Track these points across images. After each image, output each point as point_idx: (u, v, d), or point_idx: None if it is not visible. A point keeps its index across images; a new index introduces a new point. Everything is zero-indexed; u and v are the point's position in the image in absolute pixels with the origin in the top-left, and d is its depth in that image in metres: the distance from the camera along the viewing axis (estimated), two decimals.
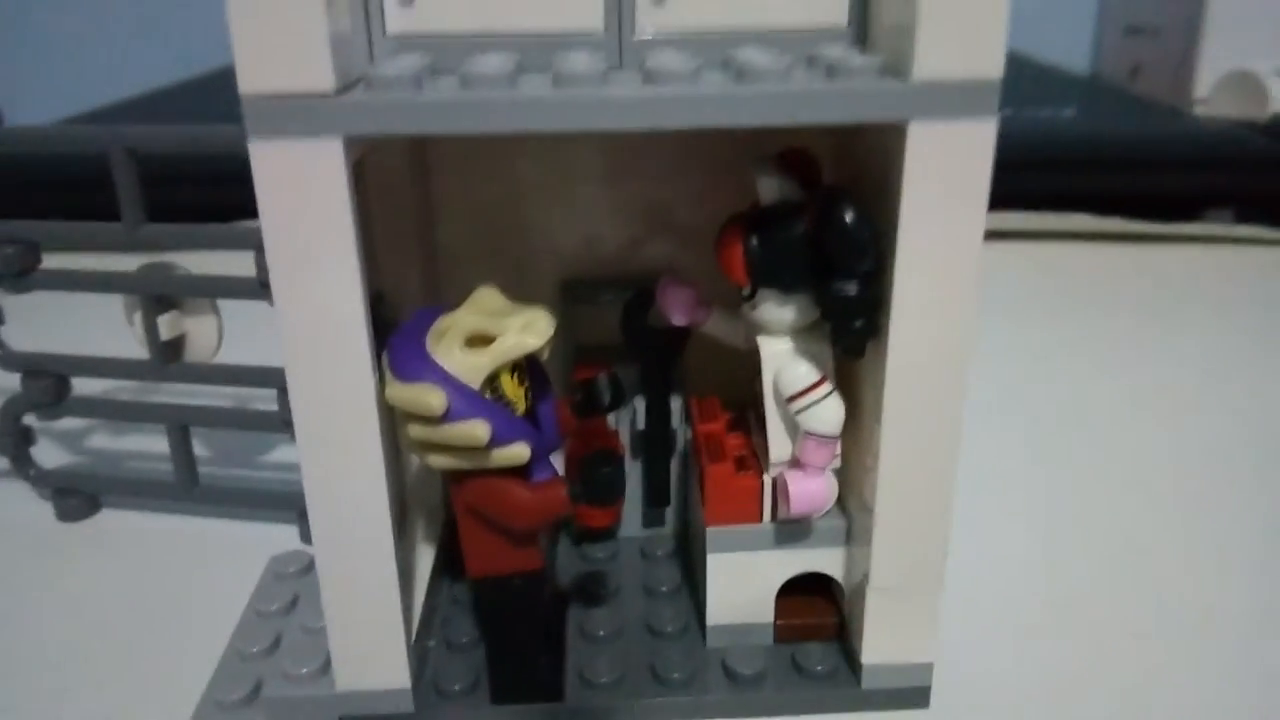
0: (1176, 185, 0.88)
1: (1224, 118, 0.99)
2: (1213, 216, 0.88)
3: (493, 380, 0.28)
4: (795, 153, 0.31)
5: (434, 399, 0.27)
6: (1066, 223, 0.84)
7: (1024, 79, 1.12)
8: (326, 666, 0.32)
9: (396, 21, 0.28)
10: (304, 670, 0.33)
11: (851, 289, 0.29)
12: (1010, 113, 0.26)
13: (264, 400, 0.43)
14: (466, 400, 0.27)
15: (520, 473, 0.29)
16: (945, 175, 0.26)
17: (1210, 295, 0.74)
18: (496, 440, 0.28)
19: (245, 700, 0.32)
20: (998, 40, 0.25)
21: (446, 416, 0.27)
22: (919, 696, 0.33)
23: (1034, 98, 1.04)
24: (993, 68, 0.25)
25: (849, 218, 0.28)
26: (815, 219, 0.29)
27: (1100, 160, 0.89)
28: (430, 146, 0.37)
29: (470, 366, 0.28)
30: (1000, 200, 0.27)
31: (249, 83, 0.25)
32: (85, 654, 0.36)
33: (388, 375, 0.28)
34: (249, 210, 0.26)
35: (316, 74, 0.25)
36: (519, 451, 0.28)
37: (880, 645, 0.32)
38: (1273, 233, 0.84)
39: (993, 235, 0.27)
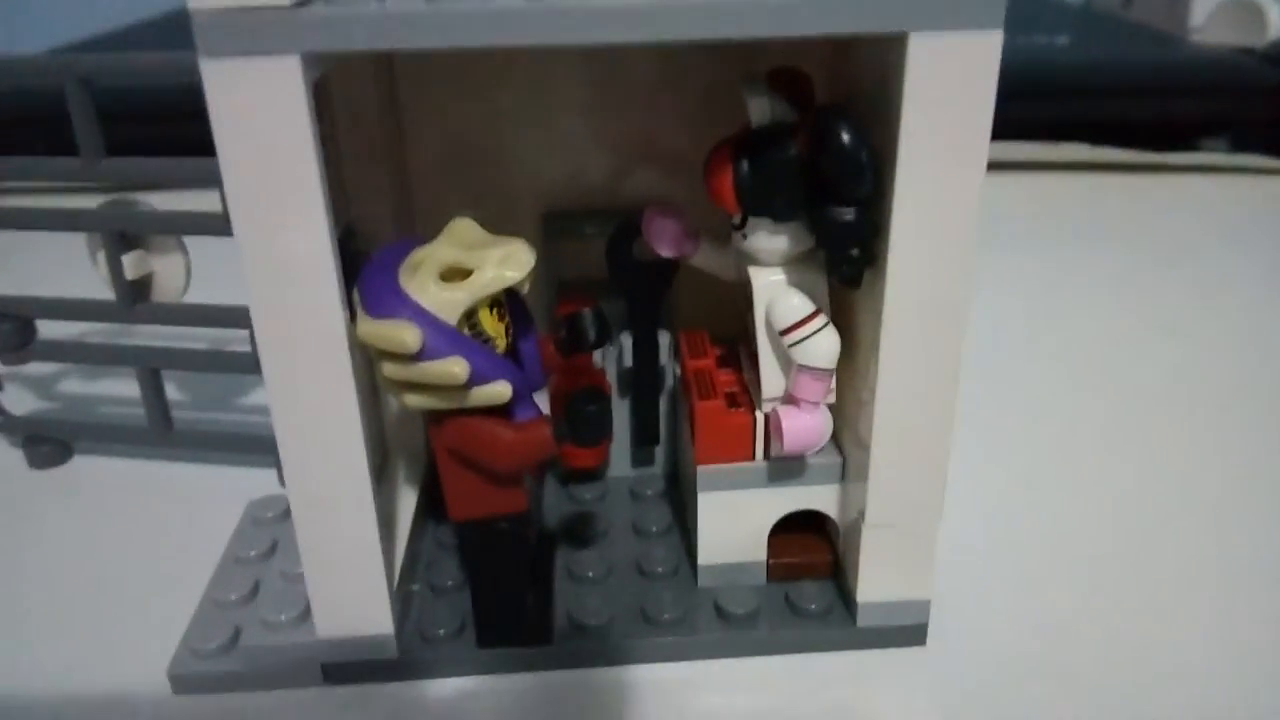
0: (1172, 113, 0.87)
1: (1220, 44, 0.96)
2: (1209, 145, 0.87)
3: (471, 316, 0.27)
4: (787, 71, 0.30)
5: (408, 336, 0.26)
6: (1061, 152, 0.83)
7: (1018, 6, 1.10)
8: (307, 613, 0.31)
9: None
10: (283, 617, 0.32)
11: (848, 215, 0.27)
12: (1004, 41, 0.25)
13: (239, 341, 0.41)
14: (443, 337, 0.26)
15: (502, 412, 0.28)
16: (948, 92, 0.25)
17: (1206, 224, 0.72)
18: (476, 378, 0.27)
19: (223, 649, 0.32)
20: None
21: (422, 354, 0.26)
22: (916, 634, 0.32)
23: (1028, 25, 1.01)
24: None
25: (846, 138, 0.26)
26: (809, 141, 0.27)
27: (1095, 88, 0.87)
28: (401, 71, 0.36)
29: (446, 301, 0.26)
30: (994, 129, 0.26)
31: None
32: (60, 603, 0.35)
33: (359, 312, 0.27)
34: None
35: None
36: (500, 390, 0.27)
37: (876, 582, 0.31)
38: (1269, 160, 0.83)
39: (987, 166, 0.26)
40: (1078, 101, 0.87)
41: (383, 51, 0.24)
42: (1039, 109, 0.83)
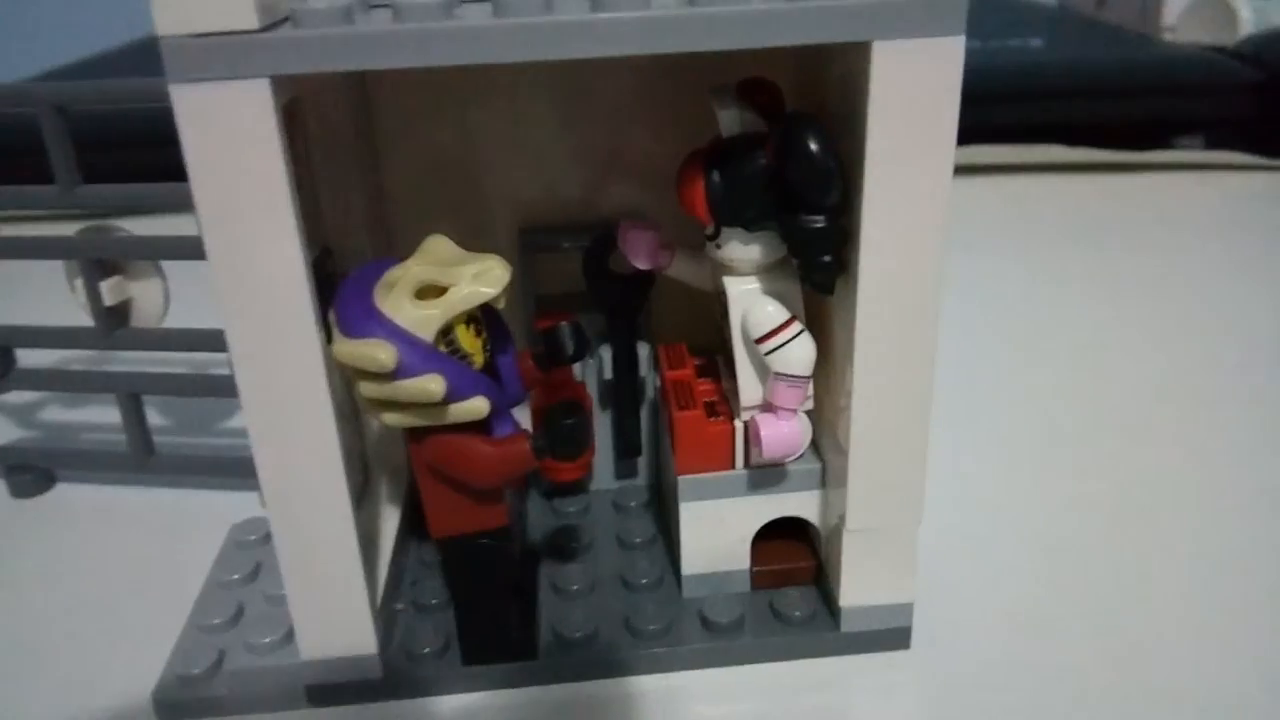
0: (1147, 112, 0.87)
1: (1193, 43, 0.97)
2: (1184, 143, 0.87)
3: (448, 333, 0.27)
4: (756, 82, 0.30)
5: (383, 354, 0.26)
6: (1036, 154, 0.83)
7: (991, 10, 1.10)
8: (290, 636, 0.31)
9: None
10: (267, 640, 0.32)
11: (818, 223, 0.27)
12: (979, 44, 0.25)
13: (219, 365, 0.41)
14: (419, 354, 0.26)
15: (481, 428, 0.28)
16: (913, 98, 0.25)
17: (1183, 222, 0.73)
18: (453, 395, 0.27)
19: (208, 673, 0.31)
20: None
21: (398, 372, 0.26)
22: (900, 637, 0.32)
23: (1001, 29, 1.02)
24: None
25: (813, 146, 0.26)
26: (778, 150, 0.27)
27: (1069, 90, 0.88)
28: (373, 89, 0.36)
29: (422, 319, 0.26)
30: (969, 133, 0.26)
31: (166, 23, 0.23)
32: (44, 631, 0.35)
33: (335, 331, 0.27)
34: None
35: (238, 9, 0.23)
36: (477, 405, 0.27)
37: (858, 587, 0.32)
38: (1245, 157, 0.84)
39: (963, 170, 0.26)
40: (1053, 103, 0.87)
41: (353, 71, 0.24)
42: (1014, 111, 0.84)
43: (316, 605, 0.30)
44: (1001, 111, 0.83)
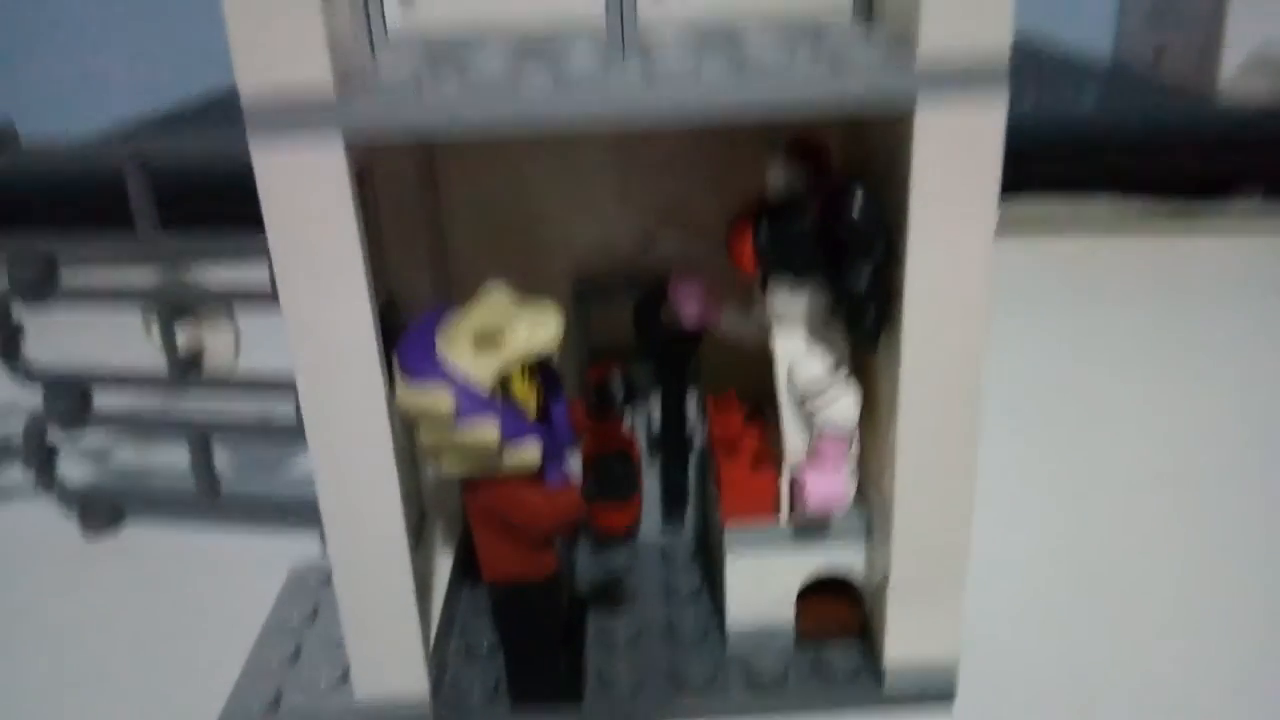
0: (1202, 171, 0.86)
1: (1251, 98, 0.97)
2: (1242, 200, 0.86)
3: (503, 381, 0.28)
4: (804, 141, 0.31)
5: (443, 401, 0.27)
6: (1091, 210, 0.83)
7: (1044, 68, 1.11)
8: (346, 676, 0.32)
9: (397, 18, 0.28)
10: (323, 681, 0.32)
11: (863, 280, 0.28)
12: (1032, 103, 0.26)
13: (284, 411, 0.43)
14: (476, 402, 0.27)
15: (534, 476, 0.29)
16: (954, 161, 0.26)
17: (1240, 280, 0.72)
18: (507, 442, 0.28)
19: (266, 711, 0.32)
20: (1004, 15, 0.24)
21: (456, 419, 0.27)
22: (943, 695, 0.32)
23: (1054, 87, 1.02)
24: (1000, 44, 0.25)
25: (857, 209, 0.27)
26: (825, 209, 0.28)
27: (1125, 146, 0.87)
28: (437, 145, 0.37)
29: (480, 368, 0.27)
30: (1023, 187, 0.27)
31: (248, 84, 0.25)
32: (109, 666, 0.37)
33: (398, 378, 0.28)
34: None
35: (316, 73, 0.25)
36: (530, 453, 0.28)
37: (903, 644, 0.32)
38: None
39: (1015, 229, 0.27)
40: (1107, 159, 0.87)
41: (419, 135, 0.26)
42: (1067, 169, 0.84)
43: (373, 647, 0.31)
44: (1054, 169, 0.83)
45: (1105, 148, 0.87)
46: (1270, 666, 0.34)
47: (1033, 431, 0.51)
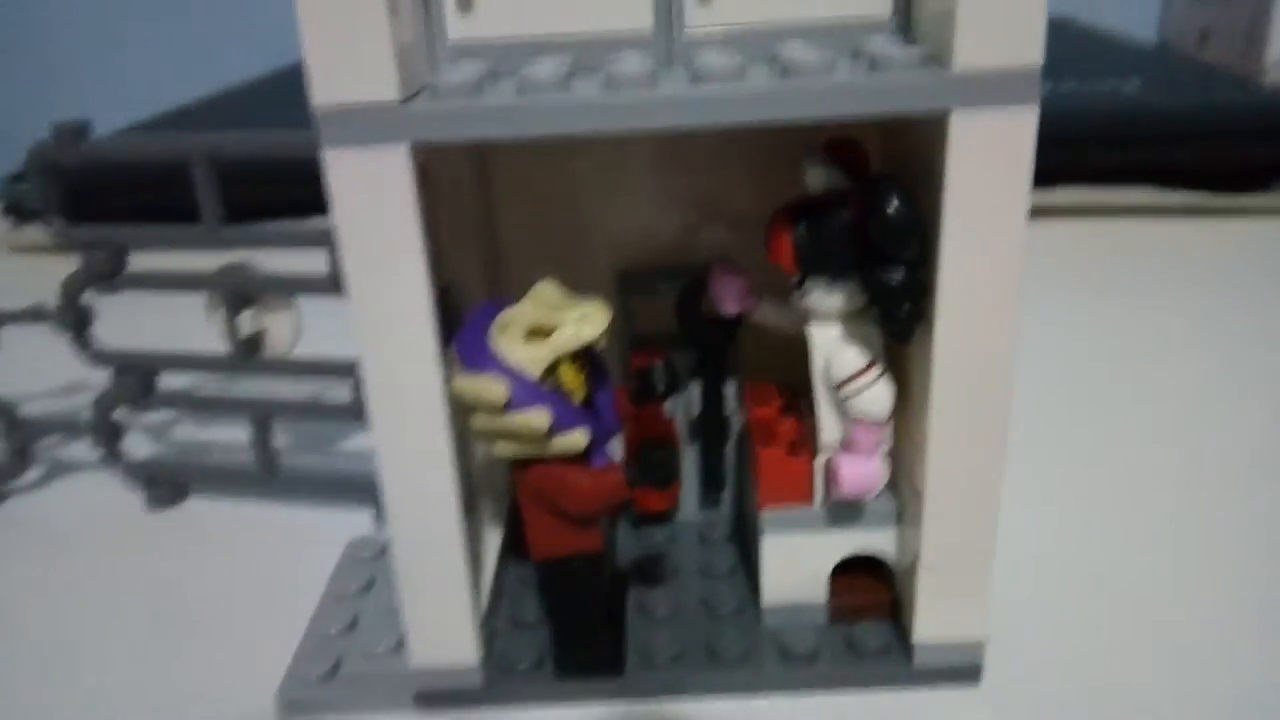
0: (1247, 156, 0.86)
1: None
2: None
3: (552, 370, 0.30)
4: (843, 142, 0.32)
5: (497, 390, 0.28)
6: (1132, 196, 0.83)
7: (1088, 50, 1.10)
8: (401, 645, 0.34)
9: (456, 29, 0.30)
10: (380, 648, 0.34)
11: (897, 276, 0.29)
12: (1076, 85, 0.27)
13: (340, 391, 0.45)
14: (527, 390, 0.29)
15: (580, 459, 0.31)
16: (987, 163, 0.27)
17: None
18: (556, 428, 0.29)
19: (326, 677, 0.34)
20: (1037, 28, 0.26)
21: (509, 406, 0.29)
22: (971, 673, 0.33)
23: (1099, 69, 1.02)
24: (1032, 55, 0.26)
25: (893, 207, 0.28)
26: (861, 208, 0.30)
27: (1169, 131, 0.87)
28: (490, 148, 0.39)
29: (531, 358, 0.29)
30: (1066, 175, 0.28)
31: (321, 94, 0.26)
32: (175, 635, 0.39)
33: (455, 367, 0.30)
34: (320, 205, 0.28)
35: (383, 85, 0.26)
36: (577, 438, 0.30)
37: (932, 623, 0.33)
38: None
39: (1058, 212, 0.28)
40: (1150, 146, 0.86)
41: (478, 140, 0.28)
42: (1111, 154, 0.83)
43: (427, 618, 0.33)
44: (1097, 154, 0.83)
45: (1147, 133, 0.86)
46: None
47: (1073, 414, 0.51)
